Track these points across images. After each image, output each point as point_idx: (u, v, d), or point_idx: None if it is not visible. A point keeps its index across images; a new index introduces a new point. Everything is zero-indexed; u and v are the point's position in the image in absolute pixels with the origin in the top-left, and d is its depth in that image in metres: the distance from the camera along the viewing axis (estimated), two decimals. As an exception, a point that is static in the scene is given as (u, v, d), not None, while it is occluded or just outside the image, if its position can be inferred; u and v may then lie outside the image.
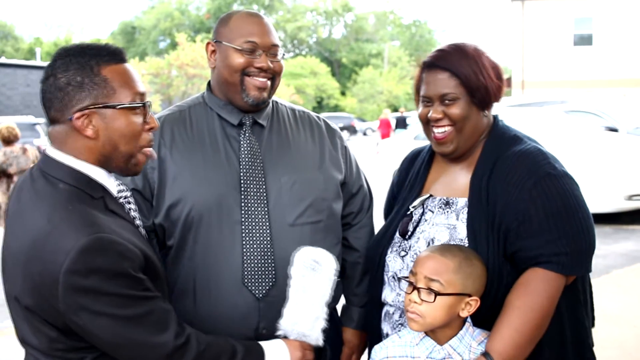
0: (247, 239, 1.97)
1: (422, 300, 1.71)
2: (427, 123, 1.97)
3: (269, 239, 1.98)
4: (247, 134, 2.05)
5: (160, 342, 1.52)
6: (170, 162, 1.98)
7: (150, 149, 1.66)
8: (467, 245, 1.86)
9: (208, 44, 2.07)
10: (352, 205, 2.24)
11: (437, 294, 1.70)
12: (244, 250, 1.97)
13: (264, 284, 1.97)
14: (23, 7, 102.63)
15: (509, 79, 29.69)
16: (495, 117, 2.02)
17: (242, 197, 1.99)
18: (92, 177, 1.57)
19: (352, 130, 39.98)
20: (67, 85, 1.53)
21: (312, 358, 1.81)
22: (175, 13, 63.15)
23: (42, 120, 21.04)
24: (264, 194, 2.01)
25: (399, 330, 1.92)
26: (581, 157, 9.02)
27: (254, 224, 1.98)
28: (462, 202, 1.93)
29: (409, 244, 1.96)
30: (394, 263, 1.98)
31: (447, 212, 1.94)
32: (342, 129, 38.40)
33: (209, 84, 2.15)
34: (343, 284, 2.24)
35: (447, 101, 1.91)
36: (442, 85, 1.91)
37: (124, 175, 1.69)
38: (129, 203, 1.69)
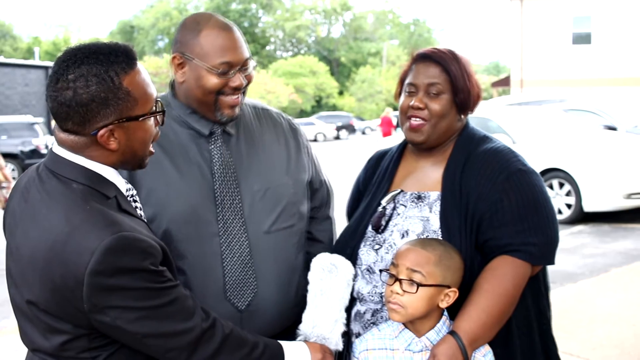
0: (227, 251, 1.94)
1: (404, 291, 1.76)
2: (406, 113, 2.03)
3: (247, 249, 1.96)
4: (218, 144, 1.98)
5: (189, 327, 1.53)
6: (142, 175, 1.88)
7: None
8: (440, 236, 1.91)
9: (174, 57, 1.92)
10: (315, 200, 2.24)
11: (419, 284, 1.75)
12: (224, 263, 1.93)
13: (245, 295, 1.95)
14: (22, 6, 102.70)
15: (507, 78, 29.73)
16: (467, 121, 2.10)
17: (218, 209, 1.94)
18: (104, 177, 1.54)
19: (350, 129, 40.01)
20: (90, 101, 1.46)
21: None
22: (173, 12, 63.11)
23: (41, 119, 21.01)
24: (239, 205, 1.96)
25: (370, 330, 1.94)
26: (580, 156, 9.03)
27: (231, 236, 1.95)
28: (435, 195, 1.99)
29: (383, 237, 2.00)
30: (368, 256, 2.01)
31: (420, 205, 2.00)
32: (340, 127, 38.46)
33: (172, 87, 2.03)
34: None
35: (432, 93, 1.98)
36: (431, 76, 1.98)
37: (132, 170, 1.72)
38: (135, 202, 1.68)
